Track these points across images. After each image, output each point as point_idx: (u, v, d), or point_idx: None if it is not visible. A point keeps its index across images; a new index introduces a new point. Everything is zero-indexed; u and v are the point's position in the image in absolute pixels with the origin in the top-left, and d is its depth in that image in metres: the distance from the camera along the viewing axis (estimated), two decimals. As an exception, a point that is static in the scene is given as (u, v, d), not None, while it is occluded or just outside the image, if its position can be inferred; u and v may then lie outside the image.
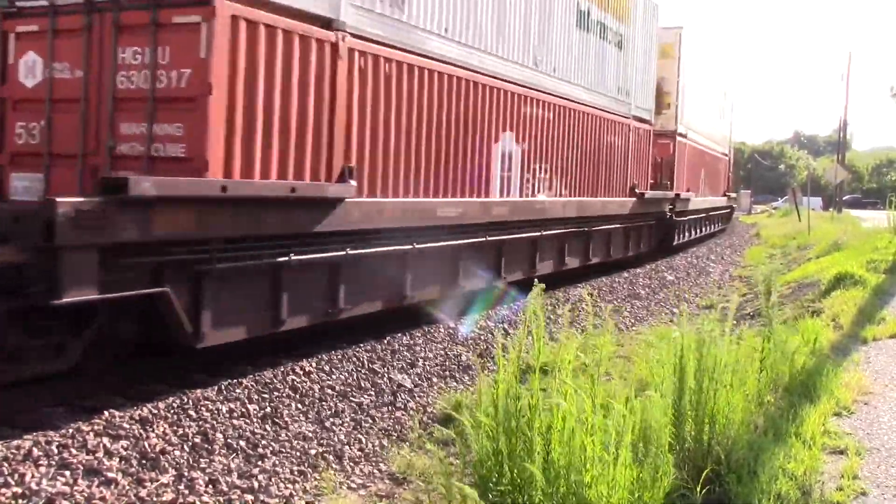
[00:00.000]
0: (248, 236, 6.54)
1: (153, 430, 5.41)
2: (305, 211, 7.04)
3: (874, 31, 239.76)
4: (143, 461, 5.03)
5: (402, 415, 6.80)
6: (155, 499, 4.70)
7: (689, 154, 22.86)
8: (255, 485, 5.10)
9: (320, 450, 5.80)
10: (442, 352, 8.61)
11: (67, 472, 4.70)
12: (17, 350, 5.57)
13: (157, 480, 4.87)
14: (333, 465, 5.62)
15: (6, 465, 4.64)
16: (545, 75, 12.09)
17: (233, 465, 5.28)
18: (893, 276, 12.90)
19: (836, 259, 15.47)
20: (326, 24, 7.34)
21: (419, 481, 5.30)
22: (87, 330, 5.94)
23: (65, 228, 5.02)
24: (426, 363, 8.17)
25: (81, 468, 4.77)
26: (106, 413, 5.47)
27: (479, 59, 9.99)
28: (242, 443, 5.60)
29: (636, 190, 16.60)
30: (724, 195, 32.04)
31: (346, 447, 5.95)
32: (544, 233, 12.27)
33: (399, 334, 8.75)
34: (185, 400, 5.97)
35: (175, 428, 5.53)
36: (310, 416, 6.33)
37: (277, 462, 5.47)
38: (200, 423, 5.71)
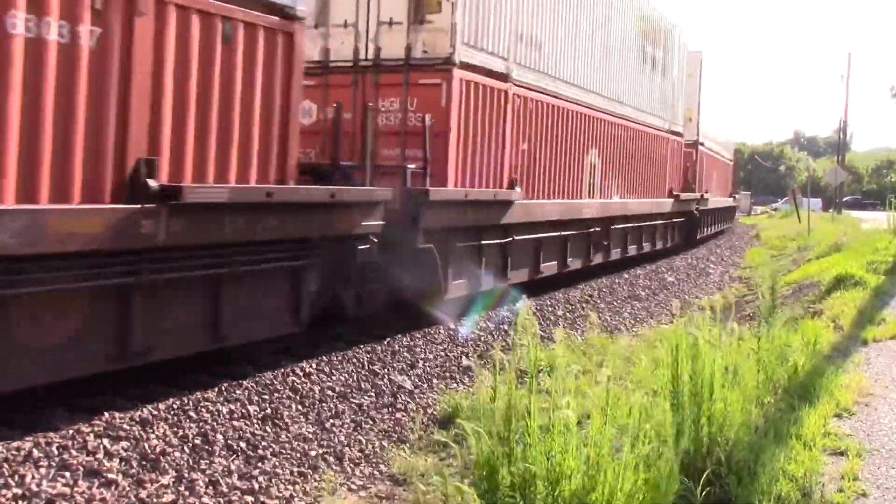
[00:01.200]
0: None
1: (153, 432, 5.41)
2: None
3: (874, 31, 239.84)
4: (144, 462, 5.03)
5: (403, 416, 6.80)
6: (155, 500, 4.69)
7: (473, 104, 10.43)
8: (256, 486, 5.10)
9: (320, 451, 5.80)
10: (442, 353, 8.61)
11: (68, 474, 4.69)
12: None
13: (158, 482, 4.86)
14: (334, 467, 5.62)
15: (6, 466, 4.63)
16: None
17: (233, 467, 5.28)
18: (893, 278, 12.91)
19: (836, 260, 15.47)
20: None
21: (420, 483, 5.30)
22: None
23: None
24: (426, 364, 8.16)
25: (82, 469, 4.77)
26: (106, 414, 5.47)
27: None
28: (243, 444, 5.59)
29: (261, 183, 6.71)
30: (671, 196, 20.66)
31: (347, 448, 5.95)
32: None
33: (399, 335, 8.75)
34: (186, 401, 5.97)
35: (175, 429, 5.53)
36: (310, 417, 6.33)
37: (278, 463, 5.46)
38: (201, 424, 5.70)
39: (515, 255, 11.69)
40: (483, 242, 10.73)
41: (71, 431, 5.17)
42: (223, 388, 6.34)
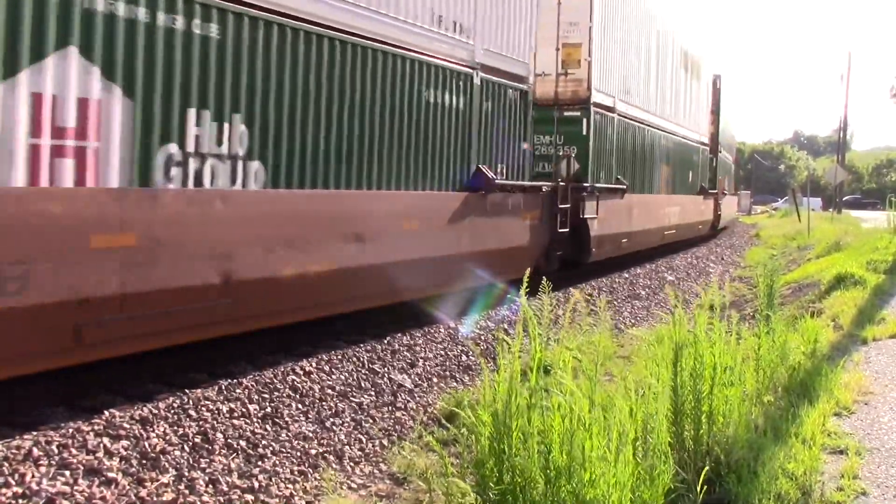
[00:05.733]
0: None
1: (153, 430, 5.41)
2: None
3: (874, 31, 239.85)
4: (144, 461, 5.03)
5: (403, 415, 6.80)
6: (155, 499, 4.70)
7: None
8: (256, 485, 5.10)
9: (321, 450, 5.80)
10: (442, 352, 8.61)
11: (68, 472, 4.70)
12: None
13: (158, 480, 4.87)
14: (334, 465, 5.62)
15: (6, 464, 4.64)
16: None
17: (233, 465, 5.28)
18: (893, 277, 12.90)
19: (835, 259, 15.47)
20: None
21: (419, 481, 5.30)
22: None
23: None
24: (426, 363, 8.16)
25: (82, 468, 4.77)
26: (106, 413, 5.47)
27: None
28: (243, 443, 5.59)
29: None
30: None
31: (347, 447, 5.95)
32: None
33: (399, 334, 8.75)
34: (186, 400, 5.97)
35: (175, 428, 5.53)
36: (310, 416, 6.33)
37: (278, 462, 5.47)
38: (201, 422, 5.71)
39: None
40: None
41: (71, 430, 5.17)
42: (223, 387, 6.34)
